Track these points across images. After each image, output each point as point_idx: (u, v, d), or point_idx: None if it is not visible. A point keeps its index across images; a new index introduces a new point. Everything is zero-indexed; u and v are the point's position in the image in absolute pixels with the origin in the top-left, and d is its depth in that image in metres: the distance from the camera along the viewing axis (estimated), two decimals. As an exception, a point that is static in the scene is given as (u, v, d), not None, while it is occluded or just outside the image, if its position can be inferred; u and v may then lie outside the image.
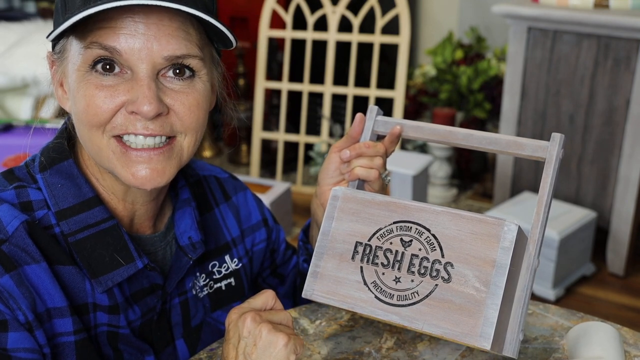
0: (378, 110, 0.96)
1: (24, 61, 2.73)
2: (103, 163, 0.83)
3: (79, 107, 0.80)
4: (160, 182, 0.82)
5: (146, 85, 0.77)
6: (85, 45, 0.78)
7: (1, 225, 0.79)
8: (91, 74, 0.78)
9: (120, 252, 0.84)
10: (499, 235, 0.76)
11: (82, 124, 0.80)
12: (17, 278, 0.77)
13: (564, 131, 2.52)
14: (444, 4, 3.51)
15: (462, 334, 0.75)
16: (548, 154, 0.83)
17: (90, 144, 0.82)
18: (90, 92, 0.78)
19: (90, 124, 0.79)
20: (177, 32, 0.78)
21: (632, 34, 2.29)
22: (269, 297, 0.80)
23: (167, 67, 0.79)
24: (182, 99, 0.81)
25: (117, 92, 0.78)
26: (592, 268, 2.55)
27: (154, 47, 0.77)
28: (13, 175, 0.86)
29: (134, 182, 0.81)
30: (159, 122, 0.79)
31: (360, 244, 0.82)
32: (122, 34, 0.76)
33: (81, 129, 0.82)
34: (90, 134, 0.80)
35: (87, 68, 0.78)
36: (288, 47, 3.17)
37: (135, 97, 0.77)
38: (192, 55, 0.80)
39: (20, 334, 0.76)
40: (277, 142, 3.29)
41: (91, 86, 0.78)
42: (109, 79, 0.78)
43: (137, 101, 0.77)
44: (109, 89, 0.78)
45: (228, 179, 1.08)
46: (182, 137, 0.83)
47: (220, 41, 0.84)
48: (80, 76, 0.79)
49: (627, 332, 0.96)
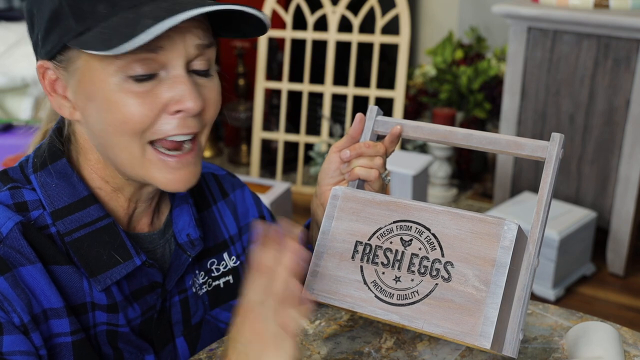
0: (378, 110, 0.96)
1: (23, 61, 2.73)
2: (135, 172, 0.82)
3: (117, 118, 0.78)
4: (194, 183, 0.84)
5: (186, 81, 0.78)
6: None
7: None
8: (127, 82, 0.77)
9: (117, 249, 0.84)
10: (499, 234, 0.77)
11: (120, 134, 0.79)
12: (12, 280, 0.76)
13: (564, 131, 2.53)
14: (444, 4, 3.51)
15: (462, 333, 0.75)
16: (548, 153, 0.83)
17: (124, 152, 0.80)
18: (129, 102, 0.77)
19: (133, 133, 0.78)
20: (201, 24, 0.80)
21: (632, 34, 2.29)
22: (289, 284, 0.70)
23: (193, 60, 0.80)
24: (207, 94, 0.82)
25: (156, 97, 0.77)
26: (592, 268, 2.55)
27: (187, 38, 0.78)
28: (7, 176, 0.85)
29: (172, 186, 0.82)
30: (196, 118, 0.81)
31: (360, 243, 0.83)
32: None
33: (114, 139, 0.80)
34: (126, 142, 0.79)
35: (122, 76, 0.76)
36: (288, 47, 3.17)
37: (178, 95, 0.78)
38: (212, 45, 0.82)
39: (15, 337, 0.75)
40: (277, 142, 3.30)
41: (130, 95, 0.77)
42: (145, 83, 0.77)
43: (181, 99, 0.78)
44: (147, 95, 0.77)
45: (226, 176, 1.08)
46: (201, 133, 0.84)
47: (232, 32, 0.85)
48: (115, 85, 0.77)
49: (627, 332, 0.96)
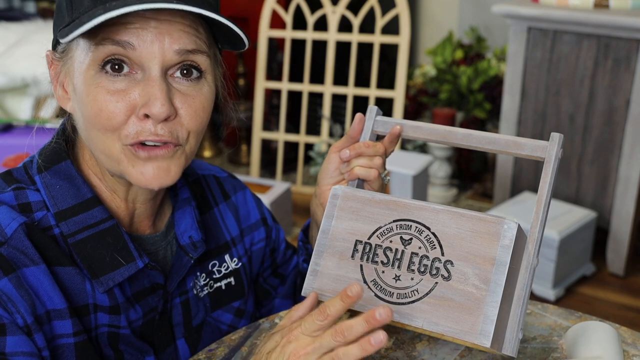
0: (377, 110, 0.96)
1: (24, 61, 2.73)
2: (112, 167, 0.82)
3: (90, 112, 0.78)
4: (166, 181, 0.81)
5: (158, 85, 0.77)
6: (96, 42, 0.76)
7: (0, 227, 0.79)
8: (101, 76, 0.77)
9: (120, 251, 0.84)
10: (499, 233, 0.77)
11: (95, 128, 0.79)
12: (15, 281, 0.77)
13: (564, 131, 2.53)
14: (444, 4, 3.51)
15: (461, 332, 0.75)
16: (547, 153, 0.84)
17: (101, 146, 0.80)
18: (102, 97, 0.77)
19: (105, 129, 0.78)
20: (188, 28, 0.78)
21: (632, 34, 2.29)
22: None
23: (176, 65, 0.79)
24: (190, 102, 0.80)
25: (128, 96, 0.77)
26: (592, 268, 2.55)
27: (165, 41, 0.77)
28: (11, 177, 0.85)
29: (144, 181, 0.80)
30: (167, 127, 0.79)
31: (360, 243, 0.83)
32: (134, 29, 0.76)
33: (92, 133, 0.80)
34: (104, 137, 0.79)
35: (97, 69, 0.77)
36: (288, 47, 3.17)
37: (146, 97, 0.77)
38: (201, 51, 0.80)
39: (18, 338, 0.75)
40: (277, 142, 3.30)
41: (102, 90, 0.77)
42: (120, 81, 0.77)
43: (148, 102, 0.77)
44: (120, 93, 0.77)
45: (227, 178, 1.08)
46: (186, 142, 0.82)
47: (229, 42, 0.84)
48: (90, 78, 0.78)
49: (626, 332, 0.96)
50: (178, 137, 0.80)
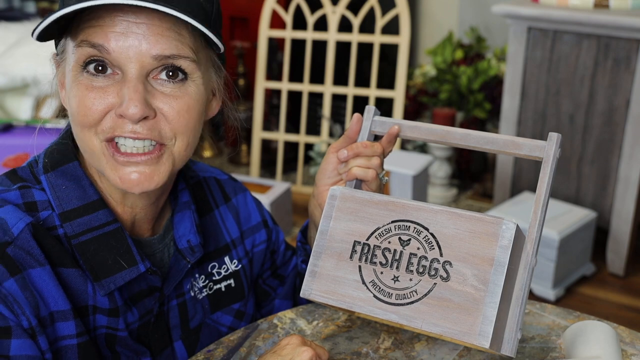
0: (375, 111, 0.96)
1: (24, 61, 2.73)
2: (95, 164, 0.83)
3: (72, 108, 0.80)
4: (148, 187, 0.81)
5: (133, 87, 0.77)
6: (77, 44, 0.78)
7: (6, 227, 0.78)
8: (83, 75, 0.79)
9: (123, 255, 0.84)
10: (497, 233, 0.77)
11: (75, 124, 0.81)
12: (21, 282, 0.76)
13: (564, 131, 2.53)
14: (444, 4, 3.51)
15: (460, 333, 0.75)
16: (545, 153, 0.84)
17: (83, 144, 0.82)
18: (81, 93, 0.78)
19: (82, 124, 0.79)
20: (167, 32, 0.77)
21: (632, 34, 2.29)
22: None
23: (158, 68, 0.79)
24: (172, 102, 0.80)
25: (106, 94, 0.78)
26: (592, 268, 2.55)
27: (142, 46, 0.76)
28: (16, 176, 0.85)
29: (122, 185, 0.81)
30: (147, 125, 0.79)
31: (359, 243, 0.83)
32: (112, 32, 0.76)
33: (75, 129, 0.82)
34: (82, 134, 0.80)
35: (79, 68, 0.79)
36: (288, 47, 3.17)
37: (122, 99, 0.77)
38: (182, 56, 0.79)
39: (22, 341, 0.75)
40: (277, 142, 3.30)
41: (82, 87, 0.78)
42: (100, 80, 0.78)
43: (123, 103, 0.77)
44: (98, 90, 0.78)
45: (228, 181, 1.08)
46: (172, 142, 0.82)
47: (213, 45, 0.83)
48: (74, 76, 0.79)
49: (624, 331, 0.96)
50: (161, 135, 0.80)
